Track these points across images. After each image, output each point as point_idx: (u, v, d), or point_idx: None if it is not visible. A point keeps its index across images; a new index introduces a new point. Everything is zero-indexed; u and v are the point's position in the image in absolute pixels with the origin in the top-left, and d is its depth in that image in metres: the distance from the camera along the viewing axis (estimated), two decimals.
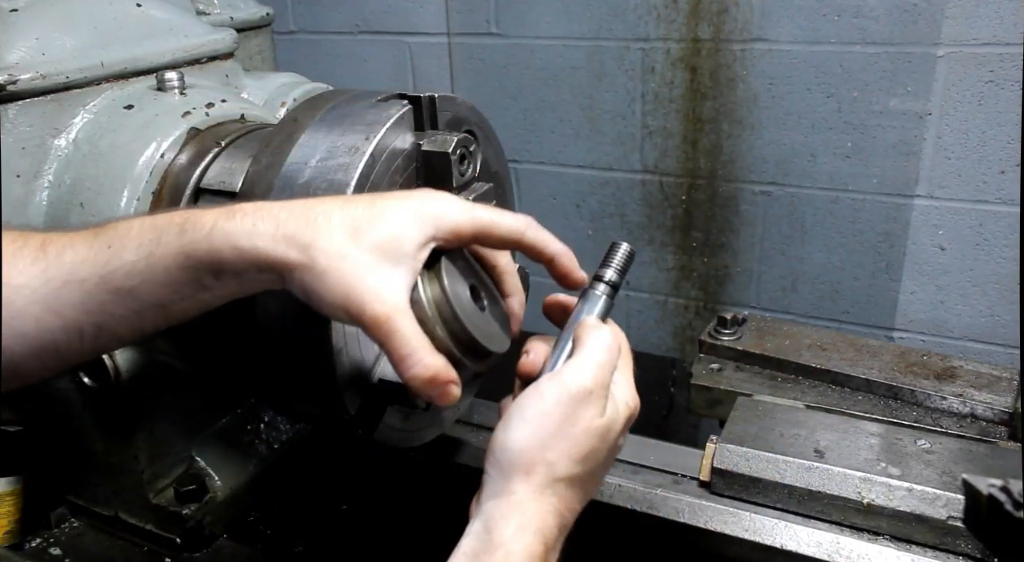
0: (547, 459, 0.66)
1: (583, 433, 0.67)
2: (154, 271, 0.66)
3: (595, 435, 0.68)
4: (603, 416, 0.69)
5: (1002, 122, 1.64)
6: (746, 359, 1.22)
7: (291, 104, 1.23)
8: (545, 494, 0.66)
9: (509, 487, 0.65)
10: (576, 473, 0.67)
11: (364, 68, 2.29)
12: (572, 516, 0.69)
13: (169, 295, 0.67)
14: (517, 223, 0.71)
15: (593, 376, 0.68)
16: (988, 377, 1.12)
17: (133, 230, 0.68)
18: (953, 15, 1.61)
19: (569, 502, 0.68)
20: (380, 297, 0.63)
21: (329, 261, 0.63)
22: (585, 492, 0.70)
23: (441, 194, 0.70)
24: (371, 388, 0.85)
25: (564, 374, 0.68)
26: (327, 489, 1.14)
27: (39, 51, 0.96)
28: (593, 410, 0.68)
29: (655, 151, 1.98)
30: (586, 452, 0.67)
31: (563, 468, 0.66)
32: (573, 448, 0.67)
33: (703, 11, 1.82)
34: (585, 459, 0.67)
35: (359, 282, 0.63)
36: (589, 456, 0.68)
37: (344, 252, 0.63)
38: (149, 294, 0.67)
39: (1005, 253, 1.72)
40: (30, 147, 0.95)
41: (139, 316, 0.68)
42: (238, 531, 1.09)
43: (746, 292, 2.02)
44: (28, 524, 1.08)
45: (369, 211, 0.66)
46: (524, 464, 0.65)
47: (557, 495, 0.66)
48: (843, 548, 0.91)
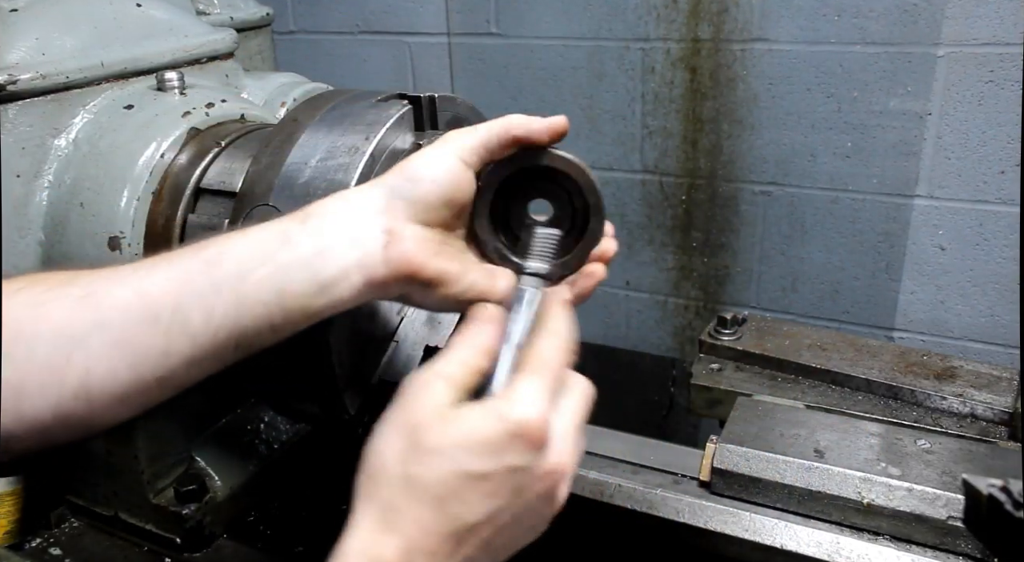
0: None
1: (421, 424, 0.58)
2: (246, 238, 0.67)
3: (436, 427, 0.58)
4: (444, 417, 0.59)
5: (1002, 122, 1.64)
6: (746, 359, 1.22)
7: (291, 104, 1.23)
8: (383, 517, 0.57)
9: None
10: (418, 488, 0.57)
11: (364, 68, 2.29)
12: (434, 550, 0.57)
13: (250, 260, 0.65)
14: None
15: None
16: (988, 377, 1.12)
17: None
18: (953, 15, 1.61)
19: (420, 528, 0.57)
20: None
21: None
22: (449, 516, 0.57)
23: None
24: (371, 388, 0.86)
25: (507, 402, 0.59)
26: (327, 489, 1.14)
27: (39, 51, 0.96)
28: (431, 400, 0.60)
29: (655, 151, 1.98)
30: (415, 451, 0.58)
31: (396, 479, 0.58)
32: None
33: (703, 11, 1.82)
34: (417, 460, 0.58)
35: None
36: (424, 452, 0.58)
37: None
38: (231, 256, 0.65)
39: (1005, 253, 1.72)
40: (30, 147, 0.95)
41: (215, 291, 0.64)
42: (238, 531, 1.09)
43: (746, 292, 2.02)
44: (28, 524, 1.08)
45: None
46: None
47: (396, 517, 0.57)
48: (843, 548, 0.91)
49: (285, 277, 0.65)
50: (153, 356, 0.64)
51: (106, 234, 0.94)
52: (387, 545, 0.56)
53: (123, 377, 0.65)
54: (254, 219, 0.84)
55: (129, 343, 0.64)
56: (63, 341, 0.63)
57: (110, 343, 0.64)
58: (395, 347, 0.88)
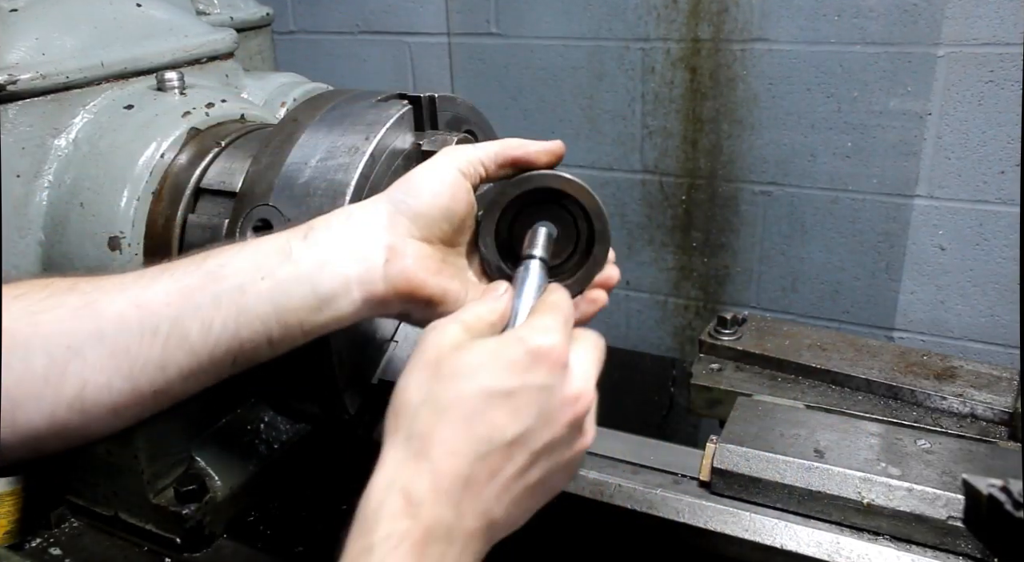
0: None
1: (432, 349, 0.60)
2: (245, 248, 0.67)
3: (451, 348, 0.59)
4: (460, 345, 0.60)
5: (1002, 122, 1.64)
6: (746, 359, 1.22)
7: (291, 104, 1.23)
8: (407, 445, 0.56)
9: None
10: (442, 404, 0.56)
11: (364, 68, 2.29)
12: (460, 474, 0.55)
13: (251, 272, 0.65)
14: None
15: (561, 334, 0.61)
16: (988, 377, 1.12)
17: (228, 242, 0.71)
18: (953, 15, 1.61)
19: (449, 451, 0.55)
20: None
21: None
22: (476, 433, 0.56)
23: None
24: (371, 388, 0.86)
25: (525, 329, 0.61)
26: (327, 489, 1.14)
27: (39, 51, 0.96)
28: (445, 338, 0.61)
29: (655, 151, 1.98)
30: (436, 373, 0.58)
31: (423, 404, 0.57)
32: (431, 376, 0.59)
33: (703, 11, 1.82)
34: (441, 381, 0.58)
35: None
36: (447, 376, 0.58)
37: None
38: (232, 269, 0.65)
39: (1005, 253, 1.72)
40: (30, 147, 0.95)
41: (215, 304, 0.64)
42: (238, 531, 1.09)
43: (746, 292, 2.02)
44: (28, 524, 1.08)
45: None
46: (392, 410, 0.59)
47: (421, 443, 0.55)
48: (843, 548, 0.91)
49: (285, 292, 0.65)
50: (150, 368, 0.64)
51: (106, 234, 0.94)
52: (417, 472, 0.54)
53: (119, 388, 0.64)
54: (253, 219, 0.84)
55: (126, 354, 0.64)
56: (60, 351, 0.63)
57: (107, 354, 0.64)
58: (395, 347, 0.88)
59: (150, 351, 0.64)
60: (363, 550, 0.52)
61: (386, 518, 0.52)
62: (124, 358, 0.64)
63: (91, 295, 0.65)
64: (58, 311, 0.64)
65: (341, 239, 0.67)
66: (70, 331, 0.63)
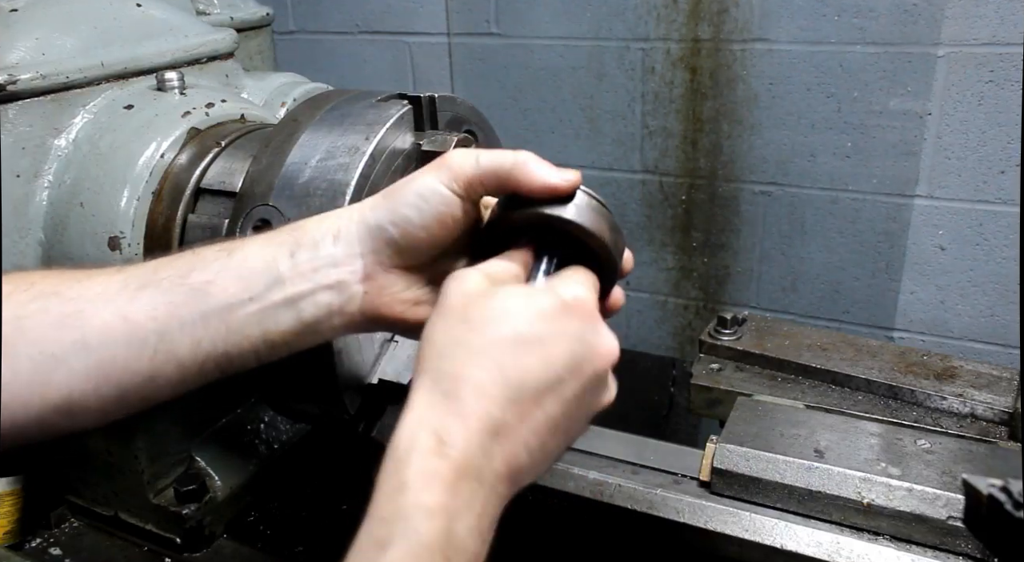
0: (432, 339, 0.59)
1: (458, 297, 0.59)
2: (232, 261, 0.66)
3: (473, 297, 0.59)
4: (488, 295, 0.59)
5: (1002, 122, 1.64)
6: (746, 359, 1.22)
7: (291, 104, 1.23)
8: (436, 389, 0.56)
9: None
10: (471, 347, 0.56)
11: (364, 68, 2.29)
12: (498, 414, 0.54)
13: (239, 292, 0.65)
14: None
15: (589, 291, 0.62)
16: (988, 377, 1.12)
17: (220, 239, 0.69)
18: (953, 15, 1.61)
19: (480, 391, 0.55)
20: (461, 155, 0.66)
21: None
22: (510, 378, 0.55)
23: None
24: (371, 388, 0.86)
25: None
26: (327, 489, 1.14)
27: (39, 51, 0.96)
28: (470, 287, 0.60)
29: (655, 151, 1.98)
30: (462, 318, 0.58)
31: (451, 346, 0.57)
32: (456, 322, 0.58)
33: (703, 11, 1.82)
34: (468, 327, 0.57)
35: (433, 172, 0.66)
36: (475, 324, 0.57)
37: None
38: (219, 288, 0.65)
39: (1005, 253, 1.72)
40: (30, 147, 0.95)
41: (203, 322, 0.65)
42: (238, 531, 1.09)
43: (746, 292, 2.02)
44: (28, 524, 1.08)
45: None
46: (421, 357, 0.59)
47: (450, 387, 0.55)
48: (843, 548, 0.91)
49: (272, 316, 0.66)
50: (139, 380, 0.65)
51: (106, 234, 0.94)
52: (447, 413, 0.54)
53: (106, 395, 0.65)
54: (254, 218, 0.84)
55: (113, 365, 0.64)
56: (44, 359, 0.63)
57: (93, 365, 0.64)
58: (395, 347, 0.88)
59: (138, 363, 0.64)
60: (396, 488, 0.53)
61: (417, 456, 0.53)
62: (111, 368, 0.64)
63: (76, 303, 0.64)
64: (42, 317, 0.64)
65: (325, 265, 0.67)
66: (55, 339, 0.63)
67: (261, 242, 0.68)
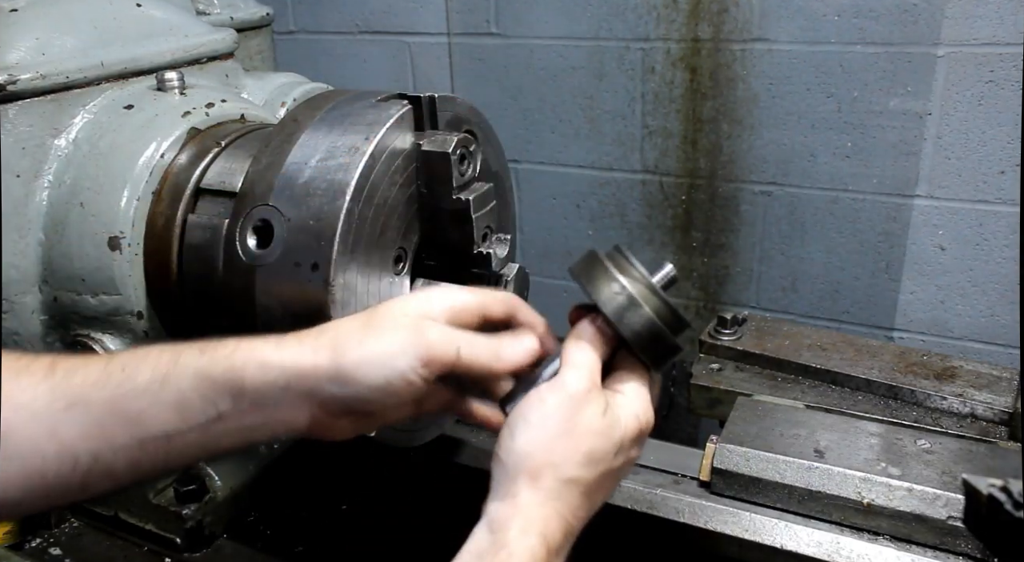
0: (552, 461, 0.65)
1: (586, 432, 0.67)
2: (167, 392, 0.65)
3: (599, 433, 0.68)
4: (605, 415, 0.69)
5: (1002, 122, 1.64)
6: (746, 359, 1.22)
7: (291, 104, 1.23)
8: (550, 497, 0.65)
9: (514, 490, 0.65)
10: (582, 476, 0.67)
11: (364, 68, 2.29)
12: (578, 523, 0.68)
13: (177, 422, 0.65)
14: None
15: (589, 378, 0.70)
16: (988, 377, 1.12)
17: (152, 354, 0.67)
18: (953, 15, 1.61)
19: (574, 507, 0.67)
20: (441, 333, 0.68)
21: (366, 347, 0.66)
22: (592, 500, 0.69)
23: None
24: None
25: (563, 379, 0.69)
26: (327, 489, 1.14)
27: (39, 51, 0.96)
28: (593, 409, 0.68)
29: (655, 151, 1.98)
30: (590, 450, 0.67)
31: (568, 469, 0.66)
32: (577, 447, 0.66)
33: (703, 11, 1.82)
34: (590, 460, 0.67)
35: (416, 338, 0.67)
36: (594, 456, 0.67)
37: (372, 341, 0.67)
38: (156, 419, 0.65)
39: (1005, 253, 1.72)
40: (30, 147, 0.95)
41: (141, 447, 0.65)
42: (238, 531, 1.08)
43: (746, 292, 2.02)
44: (28, 524, 1.08)
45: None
46: (529, 467, 0.65)
47: (562, 499, 0.66)
48: (843, 548, 0.91)
49: (214, 441, 0.68)
50: (71, 492, 0.66)
51: (106, 234, 0.94)
52: (550, 519, 0.65)
53: (34, 502, 0.65)
54: (254, 218, 0.84)
55: (41, 477, 0.63)
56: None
57: (21, 476, 0.63)
58: None
59: (70, 478, 0.64)
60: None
61: (524, 554, 0.63)
62: (39, 480, 0.63)
63: (3, 408, 0.62)
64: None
65: (270, 406, 0.66)
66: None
67: (194, 377, 0.65)
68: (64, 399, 0.64)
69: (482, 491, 0.68)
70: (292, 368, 0.66)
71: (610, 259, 0.72)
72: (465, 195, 0.89)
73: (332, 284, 0.80)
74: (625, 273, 0.71)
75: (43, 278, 0.98)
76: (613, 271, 0.71)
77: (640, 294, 0.70)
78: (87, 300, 0.96)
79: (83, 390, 0.64)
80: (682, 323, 0.72)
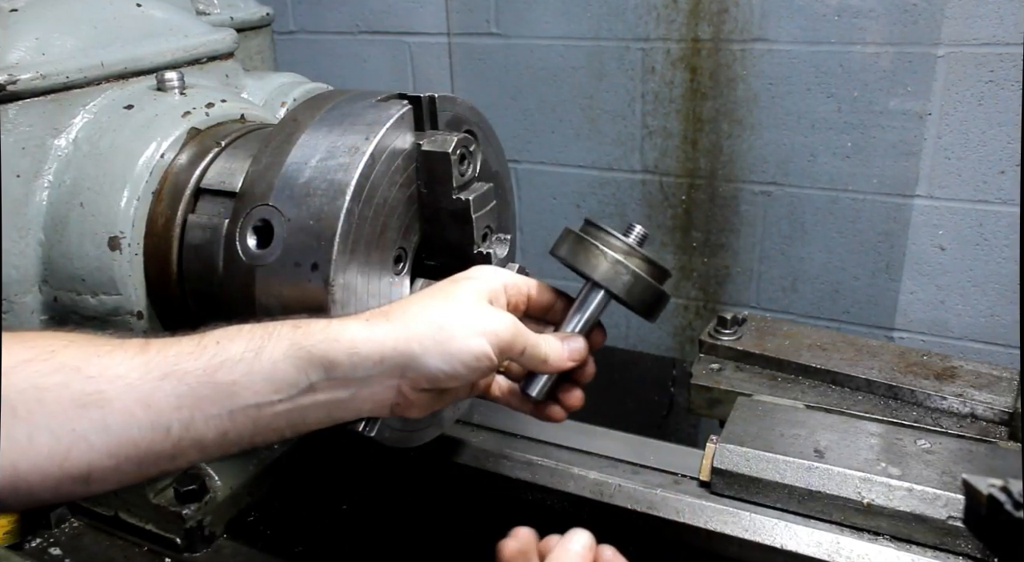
0: None
1: None
2: (260, 362, 0.66)
3: None
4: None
5: (1002, 122, 1.64)
6: (746, 359, 1.22)
7: (291, 104, 1.23)
8: None
9: None
10: None
11: (364, 68, 2.29)
12: None
13: (269, 393, 0.66)
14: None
15: None
16: (988, 377, 1.12)
17: (244, 329, 0.69)
18: (953, 15, 1.61)
19: None
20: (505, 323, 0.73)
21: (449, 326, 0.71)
22: None
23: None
24: None
25: None
26: (327, 489, 1.14)
27: (39, 51, 0.96)
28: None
29: (655, 151, 1.98)
30: None
31: None
32: None
33: (703, 11, 1.82)
34: None
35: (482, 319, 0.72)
36: None
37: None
38: (248, 390, 0.66)
39: (1005, 253, 1.72)
40: (30, 147, 0.95)
41: (231, 417, 0.66)
42: (238, 531, 1.08)
43: (746, 292, 2.02)
44: (28, 524, 1.08)
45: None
46: None
47: None
48: (843, 548, 0.91)
49: (300, 415, 0.69)
50: (161, 459, 0.66)
51: (106, 234, 0.94)
52: None
53: (126, 470, 0.66)
54: (254, 219, 0.84)
55: (135, 447, 0.65)
56: (65, 433, 0.63)
57: (114, 444, 0.64)
58: None
59: (162, 446, 0.65)
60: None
61: None
62: (132, 449, 0.64)
63: (96, 382, 0.64)
64: (62, 391, 0.63)
65: (360, 383, 0.69)
66: (76, 417, 0.63)
67: (288, 348, 0.68)
68: (159, 370, 0.65)
69: (482, 491, 0.69)
70: (387, 342, 0.69)
71: (589, 234, 0.80)
72: (465, 195, 0.89)
73: (332, 284, 0.80)
74: (609, 245, 0.80)
75: (43, 278, 0.98)
76: (600, 247, 0.79)
77: (630, 261, 0.80)
78: (87, 300, 0.96)
79: (177, 361, 0.66)
80: (666, 273, 0.83)
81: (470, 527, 1.02)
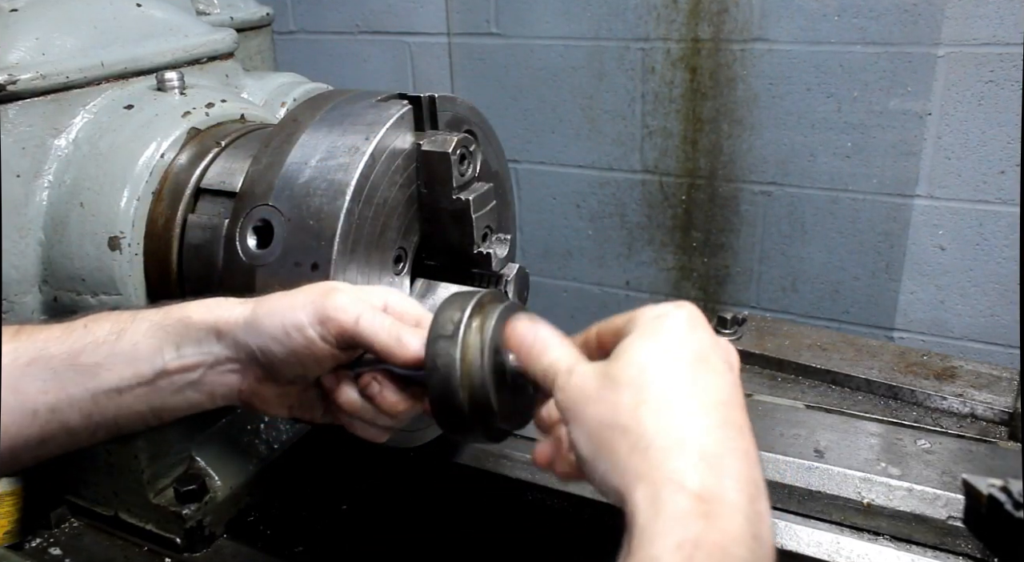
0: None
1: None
2: (122, 343, 0.68)
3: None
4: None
5: (1002, 122, 1.64)
6: (746, 359, 1.22)
7: (291, 104, 1.23)
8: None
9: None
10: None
11: (364, 68, 2.29)
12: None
13: (129, 376, 0.68)
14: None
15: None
16: (988, 377, 1.12)
17: (113, 314, 0.71)
18: (953, 15, 1.61)
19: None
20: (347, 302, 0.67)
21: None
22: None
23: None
24: None
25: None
26: (327, 489, 1.14)
27: (39, 51, 0.96)
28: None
29: (655, 151, 1.98)
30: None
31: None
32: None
33: (703, 11, 1.82)
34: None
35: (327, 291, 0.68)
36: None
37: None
38: (110, 372, 0.68)
39: (1005, 253, 1.72)
40: (30, 147, 0.95)
41: (94, 400, 0.68)
42: (238, 531, 1.08)
43: (746, 292, 2.02)
44: (28, 524, 1.08)
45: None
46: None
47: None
48: (843, 548, 0.91)
49: (158, 398, 0.70)
50: (31, 445, 0.68)
51: (106, 234, 0.94)
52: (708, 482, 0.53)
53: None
54: (254, 218, 0.84)
55: (4, 432, 0.66)
56: None
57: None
58: None
59: (29, 430, 0.67)
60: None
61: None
62: (2, 432, 0.66)
63: None
64: None
65: (207, 361, 0.69)
66: None
67: (148, 328, 0.69)
68: (27, 355, 0.68)
69: (482, 491, 0.68)
70: (221, 316, 0.69)
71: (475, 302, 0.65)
72: (465, 195, 0.89)
73: None
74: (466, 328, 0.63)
75: (43, 278, 0.98)
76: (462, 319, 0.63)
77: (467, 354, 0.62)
78: (87, 300, 0.96)
79: (45, 346, 0.68)
80: (490, 410, 0.63)
81: (470, 527, 1.02)
